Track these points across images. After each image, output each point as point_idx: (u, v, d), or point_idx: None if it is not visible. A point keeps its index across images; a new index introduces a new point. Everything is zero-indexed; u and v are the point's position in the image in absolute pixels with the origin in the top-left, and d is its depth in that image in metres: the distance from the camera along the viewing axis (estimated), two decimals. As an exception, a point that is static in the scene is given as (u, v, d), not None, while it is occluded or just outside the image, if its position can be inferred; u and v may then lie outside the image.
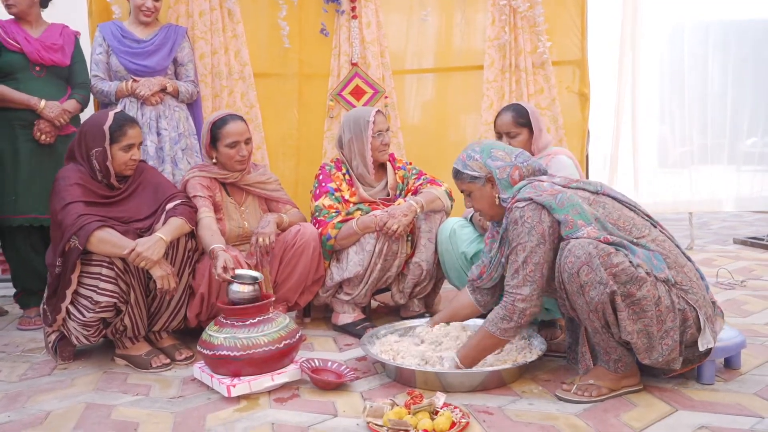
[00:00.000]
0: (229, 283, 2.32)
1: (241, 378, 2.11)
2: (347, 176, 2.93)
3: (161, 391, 2.20)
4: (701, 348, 1.94)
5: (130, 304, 2.40)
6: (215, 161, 2.78)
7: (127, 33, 3.22)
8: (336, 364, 2.26)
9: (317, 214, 2.82)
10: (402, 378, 2.19)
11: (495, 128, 2.85)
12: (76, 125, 3.08)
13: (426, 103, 3.95)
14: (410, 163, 3.09)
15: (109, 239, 2.29)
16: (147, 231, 2.41)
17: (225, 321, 2.22)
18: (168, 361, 2.45)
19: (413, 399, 1.91)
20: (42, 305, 2.53)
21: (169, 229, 2.38)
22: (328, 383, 2.15)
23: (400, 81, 3.86)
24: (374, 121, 2.84)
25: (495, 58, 3.71)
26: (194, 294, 2.55)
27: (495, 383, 2.11)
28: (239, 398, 2.09)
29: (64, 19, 3.23)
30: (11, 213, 3.04)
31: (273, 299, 2.32)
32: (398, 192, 2.98)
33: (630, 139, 4.67)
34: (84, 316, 2.35)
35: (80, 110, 3.15)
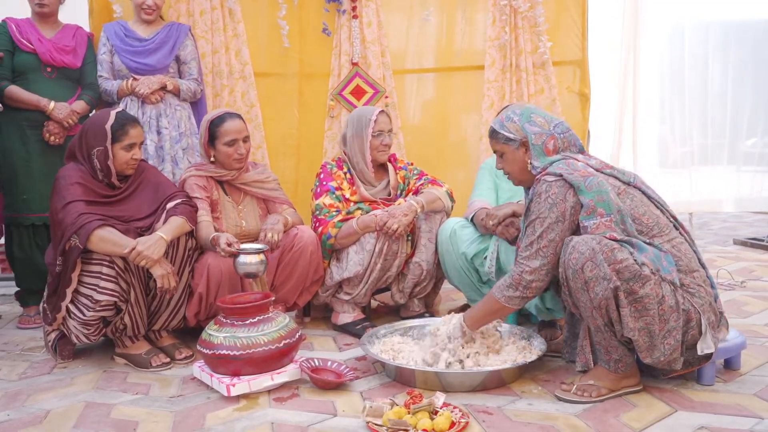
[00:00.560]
0: (236, 257, 2.32)
1: (241, 377, 2.11)
2: (348, 175, 2.93)
3: (161, 390, 2.20)
4: (700, 352, 1.94)
5: (130, 303, 2.40)
6: (213, 159, 2.78)
7: (130, 32, 3.22)
8: (336, 364, 2.26)
9: (318, 213, 2.82)
10: (401, 378, 2.19)
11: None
12: (85, 125, 3.09)
13: (426, 103, 3.94)
14: (411, 164, 3.08)
15: (110, 238, 2.29)
16: (147, 230, 2.41)
17: (225, 320, 2.22)
18: (168, 360, 2.45)
19: (413, 399, 1.91)
20: (42, 304, 2.53)
21: (170, 228, 2.38)
22: (328, 383, 2.15)
23: (401, 81, 3.86)
24: (376, 120, 2.84)
25: (496, 58, 3.70)
26: (193, 293, 2.56)
27: (495, 383, 2.11)
28: (239, 397, 2.09)
29: (66, 18, 3.23)
30: (22, 212, 3.05)
31: (273, 298, 2.32)
32: (399, 192, 2.97)
33: (630, 139, 4.67)
34: (84, 315, 2.35)
35: (89, 111, 3.14)
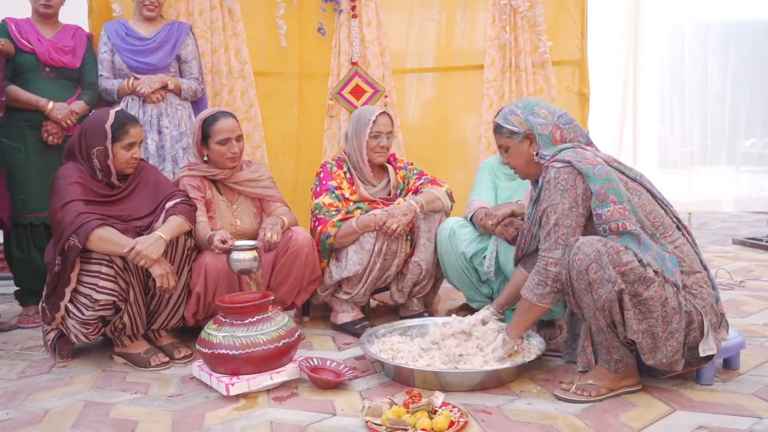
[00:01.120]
0: (229, 254, 2.33)
1: (240, 377, 2.11)
2: (348, 175, 2.92)
3: (160, 390, 2.20)
4: (702, 353, 1.95)
5: (129, 303, 2.40)
6: (206, 159, 2.78)
7: (131, 31, 3.21)
8: (335, 363, 2.26)
9: (317, 212, 2.82)
10: (401, 377, 2.19)
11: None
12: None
13: (426, 103, 3.94)
14: (411, 163, 3.08)
15: (109, 237, 2.29)
16: (146, 229, 2.41)
17: (224, 319, 2.22)
18: (167, 360, 2.45)
19: (412, 398, 1.91)
20: (41, 303, 2.53)
21: (169, 228, 2.38)
22: (327, 382, 2.15)
23: (400, 80, 3.86)
24: (375, 121, 2.84)
25: (495, 58, 3.70)
26: (191, 293, 2.55)
27: (494, 383, 2.11)
28: (238, 397, 2.09)
29: (65, 18, 3.22)
30: (21, 211, 3.05)
31: (272, 297, 2.31)
32: (398, 191, 2.97)
33: (630, 139, 4.68)
34: (83, 314, 2.34)
35: (88, 111, 3.13)
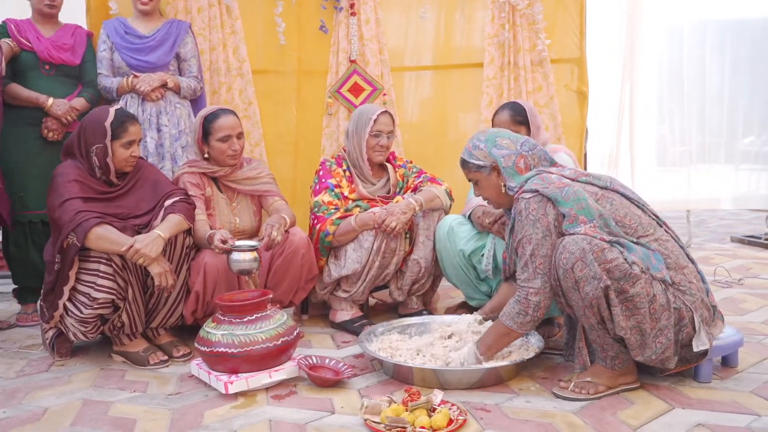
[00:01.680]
0: (229, 254, 2.33)
1: (239, 375, 2.11)
2: (347, 173, 2.92)
3: (159, 388, 2.20)
4: (695, 349, 1.95)
5: (128, 301, 2.39)
6: (207, 156, 2.78)
7: (130, 29, 3.20)
8: (334, 361, 2.26)
9: (316, 210, 2.81)
10: (399, 375, 2.19)
11: (493, 126, 2.84)
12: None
13: (425, 101, 3.94)
14: (410, 162, 3.08)
15: (107, 236, 2.29)
16: (145, 227, 2.41)
17: (222, 318, 2.22)
18: (165, 358, 2.45)
19: (411, 396, 1.91)
20: (39, 301, 2.53)
21: (168, 226, 2.38)
22: (326, 380, 2.15)
23: (399, 78, 3.85)
24: (375, 120, 2.83)
25: (494, 56, 3.70)
26: (190, 292, 2.55)
27: (492, 381, 2.11)
28: (237, 395, 2.09)
29: (64, 16, 3.21)
30: (19, 209, 3.04)
31: (270, 296, 2.31)
32: (398, 190, 2.97)
33: (628, 138, 4.68)
34: (82, 313, 2.34)
35: (89, 108, 3.12)
